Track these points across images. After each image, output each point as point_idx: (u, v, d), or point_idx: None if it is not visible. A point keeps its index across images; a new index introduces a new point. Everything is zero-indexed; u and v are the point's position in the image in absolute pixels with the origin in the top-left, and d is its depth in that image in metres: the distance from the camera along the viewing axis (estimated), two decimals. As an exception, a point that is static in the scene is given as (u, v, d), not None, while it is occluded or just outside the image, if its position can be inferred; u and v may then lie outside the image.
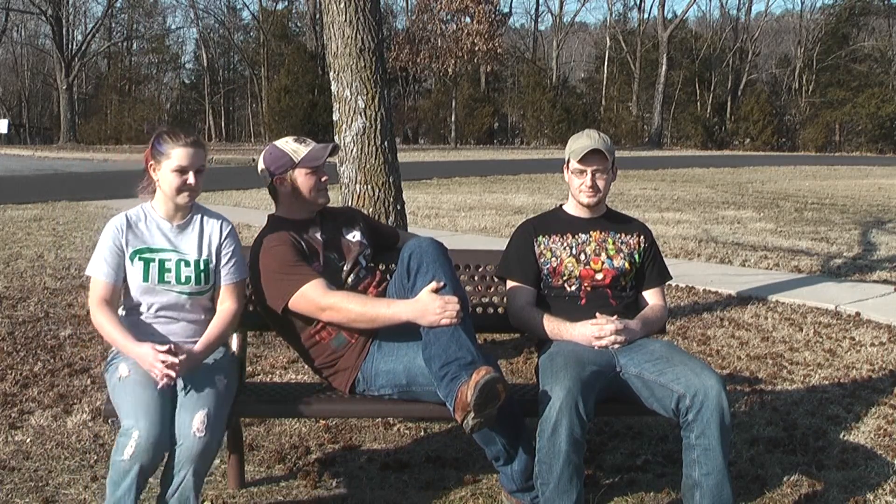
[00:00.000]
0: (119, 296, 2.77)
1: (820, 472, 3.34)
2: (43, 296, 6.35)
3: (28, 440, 3.56)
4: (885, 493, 3.16)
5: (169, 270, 2.75)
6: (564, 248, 3.10)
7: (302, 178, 2.96)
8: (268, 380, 4.44)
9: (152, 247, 2.76)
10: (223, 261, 2.85)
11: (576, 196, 3.13)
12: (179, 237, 2.80)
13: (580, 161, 3.05)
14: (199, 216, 2.86)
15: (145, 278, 2.73)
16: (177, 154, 2.71)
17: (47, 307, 5.98)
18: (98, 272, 2.73)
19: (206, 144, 2.86)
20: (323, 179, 2.99)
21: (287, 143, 3.00)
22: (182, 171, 2.72)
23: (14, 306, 5.99)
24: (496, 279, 3.37)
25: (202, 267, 2.79)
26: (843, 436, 3.73)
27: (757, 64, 60.29)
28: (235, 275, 2.87)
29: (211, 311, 2.87)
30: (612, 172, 3.14)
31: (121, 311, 2.80)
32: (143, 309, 2.77)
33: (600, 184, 3.08)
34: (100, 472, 3.22)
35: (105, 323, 2.69)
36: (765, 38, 61.97)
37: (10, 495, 3.05)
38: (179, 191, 2.74)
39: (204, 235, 2.83)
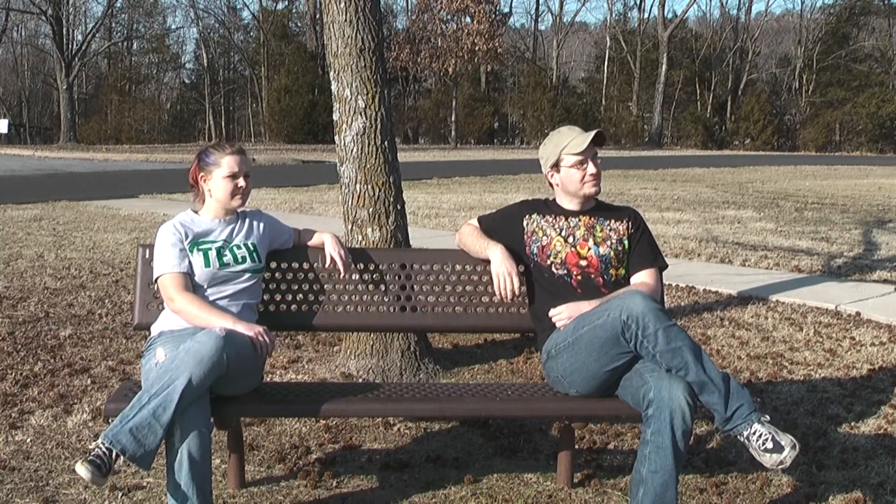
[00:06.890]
0: (191, 282, 2.96)
1: (820, 472, 3.34)
2: (43, 296, 6.35)
3: (28, 440, 3.56)
4: (885, 493, 3.16)
5: (225, 255, 3.02)
6: (555, 229, 3.14)
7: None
8: (268, 380, 4.44)
9: (206, 238, 3.03)
10: (281, 235, 3.26)
11: (578, 191, 3.12)
12: (227, 228, 3.09)
13: (583, 152, 3.06)
14: (242, 213, 3.19)
15: (207, 264, 2.97)
16: (227, 162, 3.04)
17: (47, 307, 5.99)
18: (168, 267, 2.94)
19: (246, 151, 3.16)
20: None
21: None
22: (233, 176, 3.04)
23: (14, 306, 5.99)
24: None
25: (252, 248, 3.09)
26: (843, 436, 3.73)
27: (757, 64, 60.25)
28: (286, 232, 3.31)
29: (258, 305, 3.17)
30: None
31: None
32: (206, 293, 2.96)
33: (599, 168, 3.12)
34: (100, 472, 3.21)
35: (189, 304, 2.88)
36: (765, 38, 61.92)
37: (10, 495, 3.05)
38: (233, 195, 3.05)
39: (245, 225, 3.15)
